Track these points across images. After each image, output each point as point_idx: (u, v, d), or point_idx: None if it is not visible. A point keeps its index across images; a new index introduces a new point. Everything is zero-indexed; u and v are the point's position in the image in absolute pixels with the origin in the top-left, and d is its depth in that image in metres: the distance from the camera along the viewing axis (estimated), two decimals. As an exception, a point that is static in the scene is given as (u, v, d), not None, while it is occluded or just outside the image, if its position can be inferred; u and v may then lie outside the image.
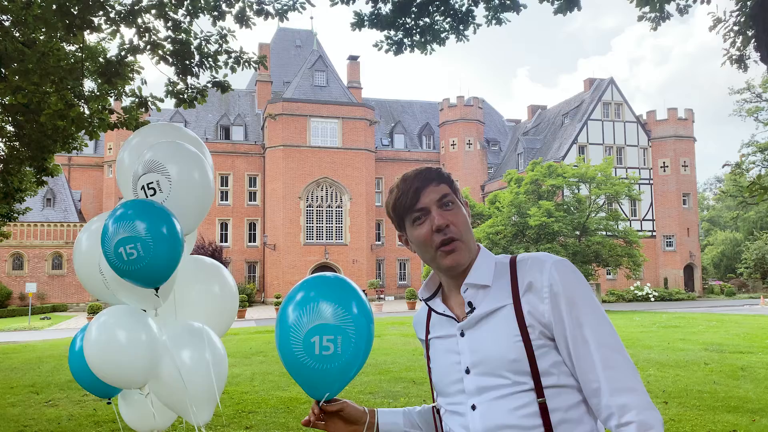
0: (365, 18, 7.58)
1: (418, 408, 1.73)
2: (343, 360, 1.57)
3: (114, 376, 2.69)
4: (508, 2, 7.38)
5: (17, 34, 7.83)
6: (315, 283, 1.63)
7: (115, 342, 2.65)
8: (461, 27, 7.65)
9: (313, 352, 1.55)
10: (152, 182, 2.66)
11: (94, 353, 2.66)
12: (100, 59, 8.74)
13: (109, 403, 3.06)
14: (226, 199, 45.59)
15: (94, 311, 26.79)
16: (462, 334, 1.45)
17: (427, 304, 1.57)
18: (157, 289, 2.62)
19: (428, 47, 7.81)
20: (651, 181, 46.65)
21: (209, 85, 8.04)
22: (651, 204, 46.38)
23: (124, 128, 8.81)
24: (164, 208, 2.60)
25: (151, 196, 2.65)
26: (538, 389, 1.35)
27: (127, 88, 8.37)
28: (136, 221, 2.48)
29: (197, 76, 7.85)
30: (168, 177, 2.69)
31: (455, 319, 1.48)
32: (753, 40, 6.59)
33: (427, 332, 1.58)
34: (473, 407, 1.41)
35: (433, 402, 1.65)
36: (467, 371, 1.42)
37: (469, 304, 1.45)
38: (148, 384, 2.76)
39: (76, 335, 3.02)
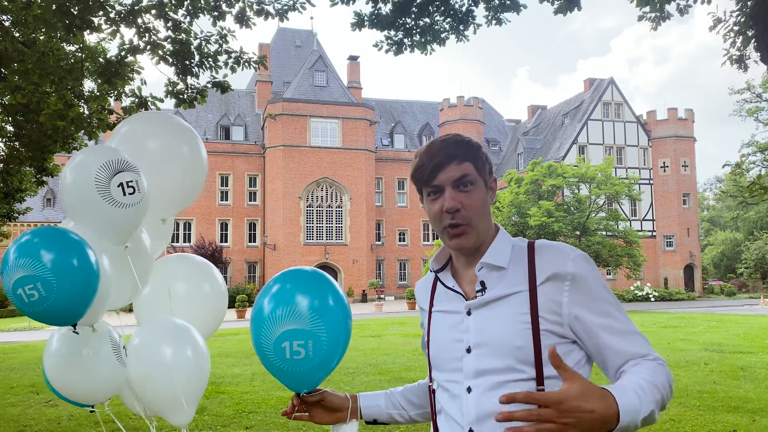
0: (365, 18, 7.57)
1: (400, 388, 1.72)
2: (315, 362, 1.55)
3: (76, 392, 2.54)
4: (508, 2, 7.37)
5: (17, 34, 7.83)
6: (291, 276, 1.61)
7: (77, 356, 2.49)
8: (461, 27, 7.64)
9: (284, 356, 1.54)
10: (132, 181, 2.43)
11: (53, 366, 2.52)
12: (100, 59, 8.74)
13: (92, 411, 2.87)
14: (226, 199, 45.58)
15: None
16: (469, 313, 1.42)
17: (437, 276, 1.54)
18: (74, 326, 2.34)
19: (428, 47, 7.80)
20: (651, 181, 46.65)
21: (209, 85, 8.04)
22: (651, 204, 46.37)
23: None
24: (76, 236, 2.31)
25: (129, 194, 2.42)
26: (539, 378, 1.33)
27: (127, 88, 8.37)
28: (39, 254, 2.18)
29: (197, 76, 7.86)
30: (140, 179, 2.48)
31: (464, 297, 1.45)
32: (753, 40, 6.58)
33: (431, 304, 1.55)
34: (468, 389, 1.38)
35: (429, 379, 1.62)
36: (468, 350, 1.40)
37: (482, 283, 1.42)
38: (127, 387, 2.66)
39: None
